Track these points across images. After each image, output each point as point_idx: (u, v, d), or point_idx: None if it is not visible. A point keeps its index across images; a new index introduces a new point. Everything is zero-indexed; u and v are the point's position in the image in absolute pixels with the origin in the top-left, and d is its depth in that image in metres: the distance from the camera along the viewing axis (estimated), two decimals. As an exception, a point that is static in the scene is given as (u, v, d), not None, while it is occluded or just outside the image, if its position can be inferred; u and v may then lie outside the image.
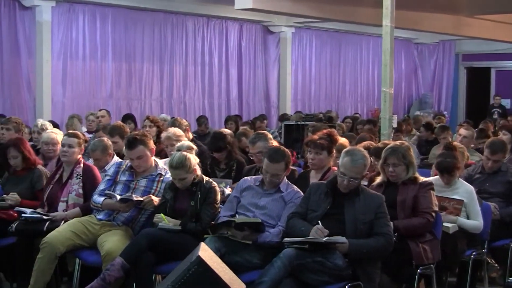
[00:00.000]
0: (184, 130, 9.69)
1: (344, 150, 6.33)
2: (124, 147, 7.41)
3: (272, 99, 20.50)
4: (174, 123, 10.21)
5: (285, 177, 6.59)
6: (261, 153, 7.76)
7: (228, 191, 7.61)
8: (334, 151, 7.35)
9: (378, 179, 6.88)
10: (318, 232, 5.85)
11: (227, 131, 9.19)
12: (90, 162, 8.07)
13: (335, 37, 22.27)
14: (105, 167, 7.85)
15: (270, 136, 8.18)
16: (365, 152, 6.30)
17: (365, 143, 8.40)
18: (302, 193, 6.47)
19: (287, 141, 14.34)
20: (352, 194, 6.09)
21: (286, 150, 6.71)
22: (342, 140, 8.17)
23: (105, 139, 8.33)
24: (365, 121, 14.76)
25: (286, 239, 5.98)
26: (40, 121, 10.26)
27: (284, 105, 20.36)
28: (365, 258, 5.92)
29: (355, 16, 16.09)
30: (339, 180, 6.12)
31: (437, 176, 7.48)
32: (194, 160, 6.78)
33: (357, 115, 19.67)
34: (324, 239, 5.79)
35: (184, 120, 10.57)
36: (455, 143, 8.87)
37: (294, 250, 5.78)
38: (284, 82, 20.42)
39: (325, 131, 7.60)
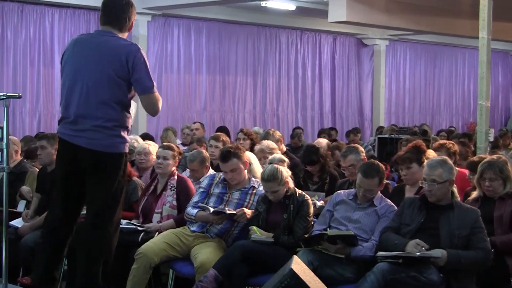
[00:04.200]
0: (277, 141, 9.70)
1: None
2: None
3: (365, 112, 20.41)
4: (267, 135, 10.24)
5: (379, 191, 6.53)
6: (352, 166, 7.71)
7: (319, 203, 7.57)
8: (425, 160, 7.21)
9: (474, 194, 6.74)
10: (418, 246, 5.77)
11: (322, 142, 9.14)
12: (185, 174, 8.14)
13: (430, 49, 22.05)
14: (200, 180, 7.90)
15: (362, 149, 8.10)
16: (443, 158, 6.31)
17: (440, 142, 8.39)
18: (395, 207, 6.39)
19: (380, 155, 14.22)
20: (447, 208, 5.99)
21: (381, 165, 6.64)
22: (431, 153, 7.99)
23: (204, 151, 8.39)
24: (461, 134, 14.50)
25: (379, 253, 5.92)
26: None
27: (377, 118, 20.23)
28: (461, 274, 5.80)
29: (450, 28, 15.94)
30: (425, 189, 6.06)
31: (536, 191, 7.28)
32: (286, 172, 6.77)
33: (452, 128, 19.38)
34: (418, 253, 5.71)
35: (277, 132, 10.57)
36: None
37: (388, 264, 5.73)
38: (378, 95, 20.29)
39: (410, 144, 7.50)
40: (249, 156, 7.78)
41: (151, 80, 5.75)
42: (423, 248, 5.75)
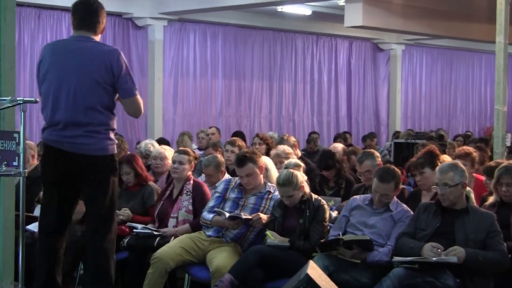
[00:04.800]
0: (292, 146, 9.69)
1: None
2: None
3: (381, 117, 20.37)
4: (281, 140, 10.23)
5: (394, 196, 6.51)
6: (368, 172, 7.69)
7: (334, 214, 7.54)
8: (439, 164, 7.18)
9: (491, 199, 6.71)
10: (434, 249, 5.75)
11: (338, 147, 9.12)
12: (200, 179, 8.14)
13: (446, 54, 22.00)
14: (216, 184, 7.90)
15: (378, 154, 8.08)
16: (454, 162, 6.35)
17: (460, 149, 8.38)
18: (411, 212, 6.38)
19: (396, 160, 14.16)
20: (462, 212, 5.98)
21: (397, 169, 6.62)
22: (446, 158, 7.96)
23: (219, 155, 8.38)
24: (477, 139, 14.46)
25: (395, 258, 5.90)
26: (143, 144, 10.32)
27: (393, 123, 20.19)
28: (477, 278, 5.76)
29: (467, 32, 15.88)
30: (438, 194, 6.05)
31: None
32: (301, 177, 6.76)
33: (469, 133, 19.29)
34: (434, 258, 5.69)
35: (292, 137, 10.58)
36: None
37: (404, 269, 5.72)
38: (394, 100, 20.25)
39: (423, 150, 7.49)
40: (266, 161, 7.78)
41: (133, 82, 5.84)
42: (439, 250, 5.74)
